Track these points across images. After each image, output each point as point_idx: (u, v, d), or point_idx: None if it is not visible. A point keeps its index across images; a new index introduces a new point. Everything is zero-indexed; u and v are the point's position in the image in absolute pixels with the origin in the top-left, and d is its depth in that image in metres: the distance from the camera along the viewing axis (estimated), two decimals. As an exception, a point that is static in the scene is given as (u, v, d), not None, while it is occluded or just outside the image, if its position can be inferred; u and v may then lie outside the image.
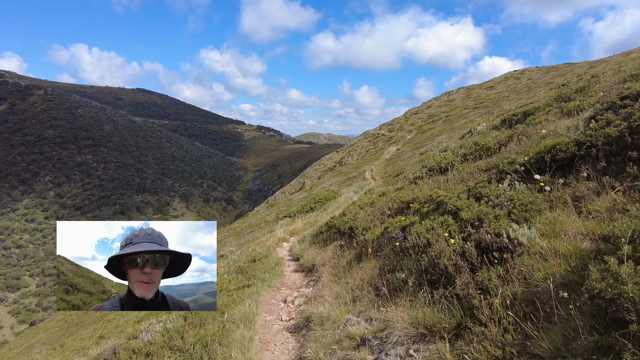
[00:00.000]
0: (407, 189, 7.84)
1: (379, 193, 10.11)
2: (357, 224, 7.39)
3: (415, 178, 8.81)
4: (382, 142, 41.12)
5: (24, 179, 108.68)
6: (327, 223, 9.58)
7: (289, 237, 12.70)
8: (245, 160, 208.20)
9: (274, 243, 11.49)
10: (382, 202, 8.03)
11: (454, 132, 22.49)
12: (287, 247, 11.44)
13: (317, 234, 9.87)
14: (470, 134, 10.68)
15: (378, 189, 11.47)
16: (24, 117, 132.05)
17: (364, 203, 9.39)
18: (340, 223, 8.52)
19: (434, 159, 9.15)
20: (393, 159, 25.14)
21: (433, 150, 15.07)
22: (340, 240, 8.04)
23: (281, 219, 17.27)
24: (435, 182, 7.39)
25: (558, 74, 36.90)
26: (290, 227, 13.64)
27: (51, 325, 22.87)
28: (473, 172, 6.57)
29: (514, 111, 9.74)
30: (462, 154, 8.08)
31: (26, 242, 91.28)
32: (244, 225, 24.39)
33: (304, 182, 42.57)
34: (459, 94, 51.55)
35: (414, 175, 9.34)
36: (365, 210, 8.34)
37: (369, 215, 7.44)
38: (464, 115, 32.21)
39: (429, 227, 4.54)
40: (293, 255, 9.93)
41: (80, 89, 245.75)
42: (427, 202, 5.85)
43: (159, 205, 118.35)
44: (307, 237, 10.40)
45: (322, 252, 8.17)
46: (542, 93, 25.43)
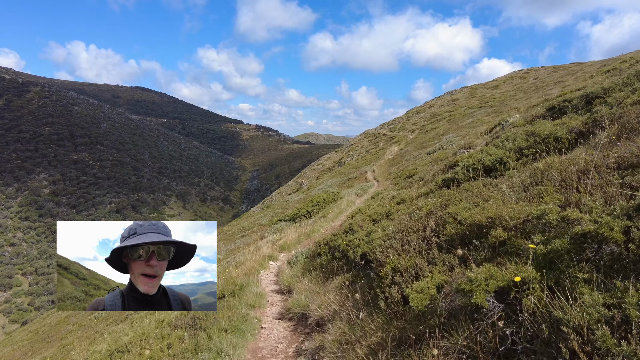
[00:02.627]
0: (451, 199, 5.18)
1: (395, 199, 8.16)
2: (375, 250, 4.85)
3: (447, 180, 6.78)
4: (383, 141, 40.00)
5: (19, 176, 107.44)
6: (328, 242, 7.23)
7: (278, 253, 10.53)
8: (243, 159, 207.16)
9: (257, 263, 9.32)
10: (410, 215, 5.53)
11: (462, 131, 21.24)
12: (275, 269, 9.32)
13: (314, 255, 7.60)
14: (501, 127, 9.12)
15: (388, 193, 9.76)
16: (19, 114, 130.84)
17: (376, 213, 7.37)
18: (346, 245, 6.10)
19: (469, 156, 7.25)
20: (396, 159, 23.91)
21: (447, 148, 13.65)
22: (348, 274, 5.57)
23: (275, 222, 16.00)
24: (494, 189, 4.79)
25: (566, 73, 35.77)
26: (281, 239, 11.47)
27: (21, 337, 21.39)
28: (569, 174, 3.84)
29: (566, 97, 7.79)
30: (516, 148, 6.12)
31: (19, 240, 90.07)
32: (236, 229, 23.05)
33: (302, 183, 41.42)
34: (463, 94, 50.56)
35: (443, 177, 7.29)
36: (383, 226, 5.81)
37: (393, 239, 4.77)
38: (469, 114, 31.01)
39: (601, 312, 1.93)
40: (280, 285, 7.72)
41: (78, 87, 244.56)
42: (543, 231, 2.91)
43: (155, 204, 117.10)
44: (300, 257, 8.32)
45: (320, 289, 5.91)
46: (555, 90, 24.22)
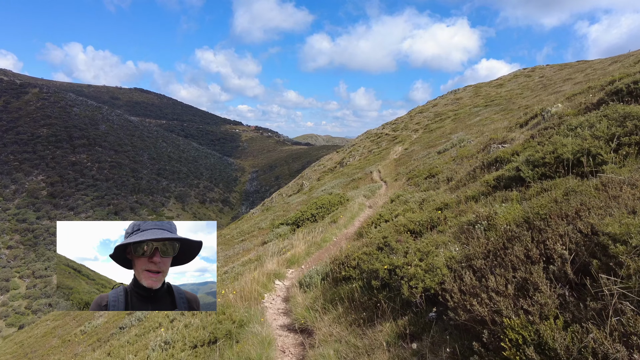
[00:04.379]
0: (560, 205, 3.47)
1: (430, 204, 6.63)
2: (452, 289, 3.14)
3: (505, 180, 5.29)
4: (386, 141, 39.14)
5: (16, 178, 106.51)
6: (359, 263, 5.17)
7: (285, 269, 8.56)
8: (242, 161, 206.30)
9: (261, 284, 7.38)
10: (474, 227, 4.16)
11: (471, 129, 20.37)
12: (282, 291, 7.44)
13: (338, 279, 5.64)
14: (542, 117, 8.00)
15: (412, 195, 8.51)
16: (17, 115, 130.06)
17: (412, 222, 5.65)
18: (390, 271, 4.32)
19: (526, 149, 5.83)
20: (403, 158, 23.02)
21: (465, 145, 12.66)
22: (402, 319, 3.82)
23: (277, 226, 15.04)
24: (626, 192, 3.15)
25: (574, 70, 34.97)
26: (287, 251, 9.37)
27: (5, 349, 20.32)
28: None
29: (636, 77, 6.23)
30: (606, 136, 4.47)
31: (17, 242, 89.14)
32: (235, 232, 22.07)
33: (303, 184, 40.51)
34: (466, 92, 49.89)
35: (494, 175, 5.78)
36: (437, 242, 4.32)
37: (471, 271, 3.23)
38: (476, 113, 30.16)
39: None
40: (292, 318, 5.85)
41: (77, 88, 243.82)
42: None
43: (154, 206, 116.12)
44: (315, 278, 6.41)
45: (358, 340, 3.93)
46: (566, 87, 23.40)
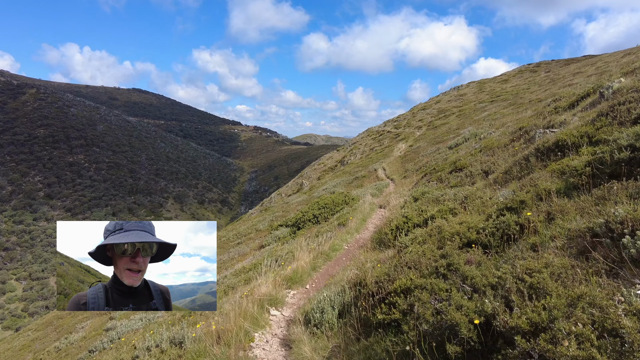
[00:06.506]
0: None
1: (495, 204, 5.10)
2: None
3: (603, 163, 4.13)
4: (388, 139, 38.15)
5: (13, 179, 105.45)
6: (408, 299, 3.36)
7: (284, 290, 6.57)
8: (241, 161, 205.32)
9: (250, 318, 5.32)
10: None
11: (480, 124, 19.39)
12: (280, 327, 5.46)
13: (370, 324, 3.84)
14: (601, 96, 6.58)
15: (441, 192, 7.10)
16: (14, 116, 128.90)
17: (472, 228, 4.47)
18: (479, 328, 2.60)
19: (600, 131, 4.66)
20: (409, 155, 22.02)
21: (486, 137, 11.53)
22: None
23: (275, 228, 14.02)
24: None
25: (582, 64, 34.05)
26: (288, 265, 7.29)
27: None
28: None
29: None
30: None
31: (13, 244, 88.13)
32: (231, 234, 20.98)
33: (302, 183, 39.48)
34: (470, 89, 49.03)
35: (581, 162, 4.53)
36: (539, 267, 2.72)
37: None
38: (481, 108, 29.20)
39: None
40: None
41: (75, 89, 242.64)
42: None
43: (152, 207, 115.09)
44: (328, 311, 4.64)
45: None
46: (578, 80, 22.44)
